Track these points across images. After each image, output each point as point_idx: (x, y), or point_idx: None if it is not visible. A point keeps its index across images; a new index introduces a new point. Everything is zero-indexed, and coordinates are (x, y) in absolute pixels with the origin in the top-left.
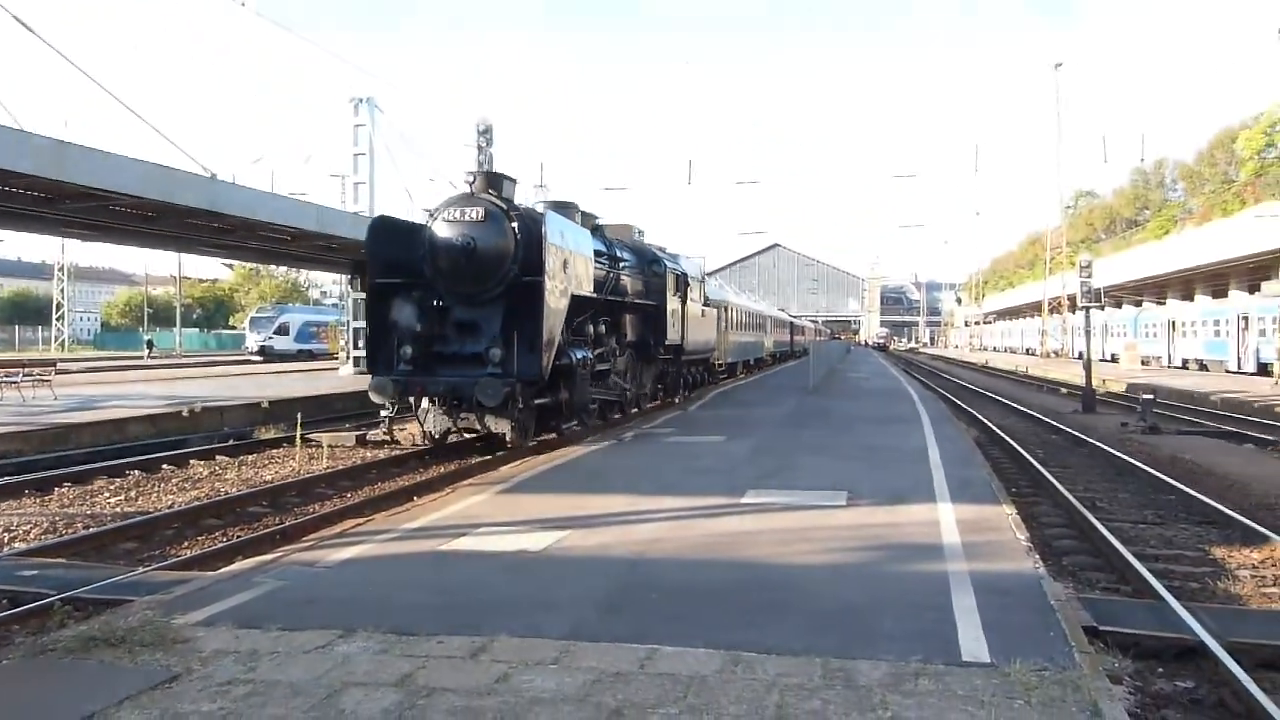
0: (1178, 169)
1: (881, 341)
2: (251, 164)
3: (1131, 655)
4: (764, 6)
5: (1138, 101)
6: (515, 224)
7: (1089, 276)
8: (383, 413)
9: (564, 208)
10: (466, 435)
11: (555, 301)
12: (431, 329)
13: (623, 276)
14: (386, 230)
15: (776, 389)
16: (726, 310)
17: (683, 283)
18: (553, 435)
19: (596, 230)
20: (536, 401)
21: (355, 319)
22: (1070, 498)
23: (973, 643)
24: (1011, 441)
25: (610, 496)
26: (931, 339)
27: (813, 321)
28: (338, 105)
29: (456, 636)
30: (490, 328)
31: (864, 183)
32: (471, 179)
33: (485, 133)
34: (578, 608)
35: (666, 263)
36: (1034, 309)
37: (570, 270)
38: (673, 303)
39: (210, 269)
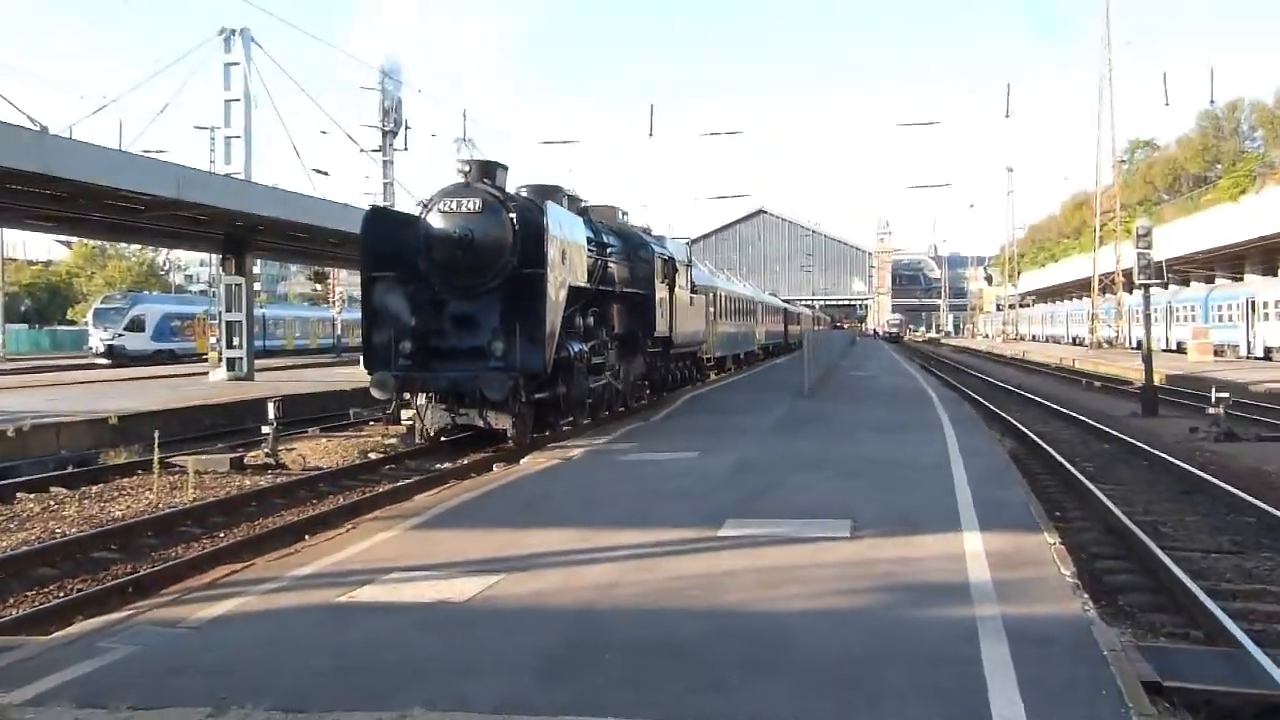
0: (1255, 112)
1: (894, 331)
2: (92, 114)
3: (1203, 717)
4: None
5: (1206, 31)
6: (513, 215)
7: (1148, 247)
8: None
9: (550, 193)
10: (461, 434)
11: (555, 293)
12: (428, 323)
13: (610, 264)
14: (380, 221)
15: (767, 388)
16: (715, 297)
17: (670, 268)
18: (547, 432)
19: (583, 214)
20: (536, 396)
21: (230, 310)
22: (1127, 521)
23: (1006, 705)
24: (1054, 453)
25: (554, 531)
26: (956, 327)
27: (809, 307)
28: (205, 39)
29: (359, 712)
30: (488, 321)
31: (870, 133)
32: (467, 168)
33: (391, 74)
34: (512, 672)
35: (654, 247)
36: (1081, 288)
37: (568, 261)
38: (661, 291)
39: (42, 247)
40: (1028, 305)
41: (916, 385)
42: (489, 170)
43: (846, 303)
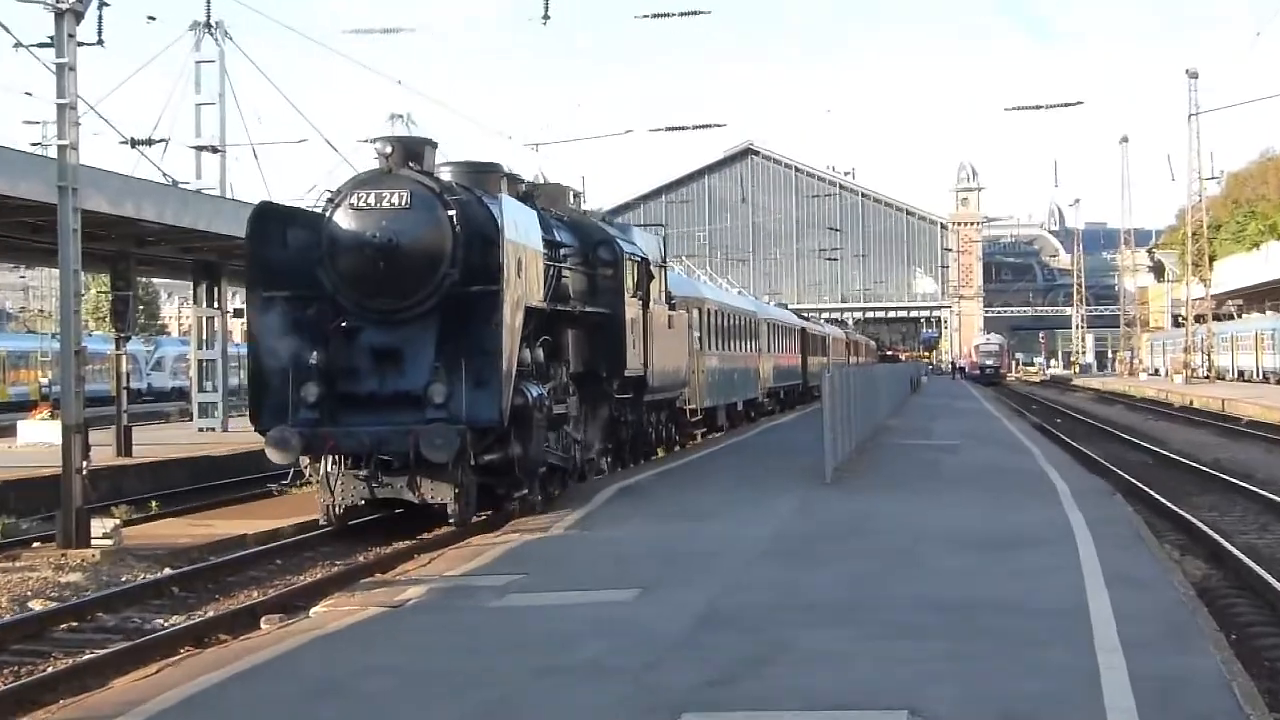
0: None
1: (989, 364)
2: None
3: None
4: None
5: None
6: (453, 212)
7: None
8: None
9: (485, 174)
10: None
11: (512, 317)
12: (336, 360)
13: (564, 271)
14: (271, 221)
15: (766, 465)
16: (703, 315)
17: (643, 274)
18: (491, 511)
19: (528, 200)
20: (484, 459)
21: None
22: None
23: None
24: None
25: None
26: (1101, 360)
27: (839, 322)
28: None
29: None
30: (419, 357)
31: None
32: (387, 150)
33: None
34: None
35: (621, 244)
36: None
37: (524, 273)
38: (631, 308)
39: None
40: (1233, 313)
41: (1035, 466)
42: (414, 150)
43: (903, 314)
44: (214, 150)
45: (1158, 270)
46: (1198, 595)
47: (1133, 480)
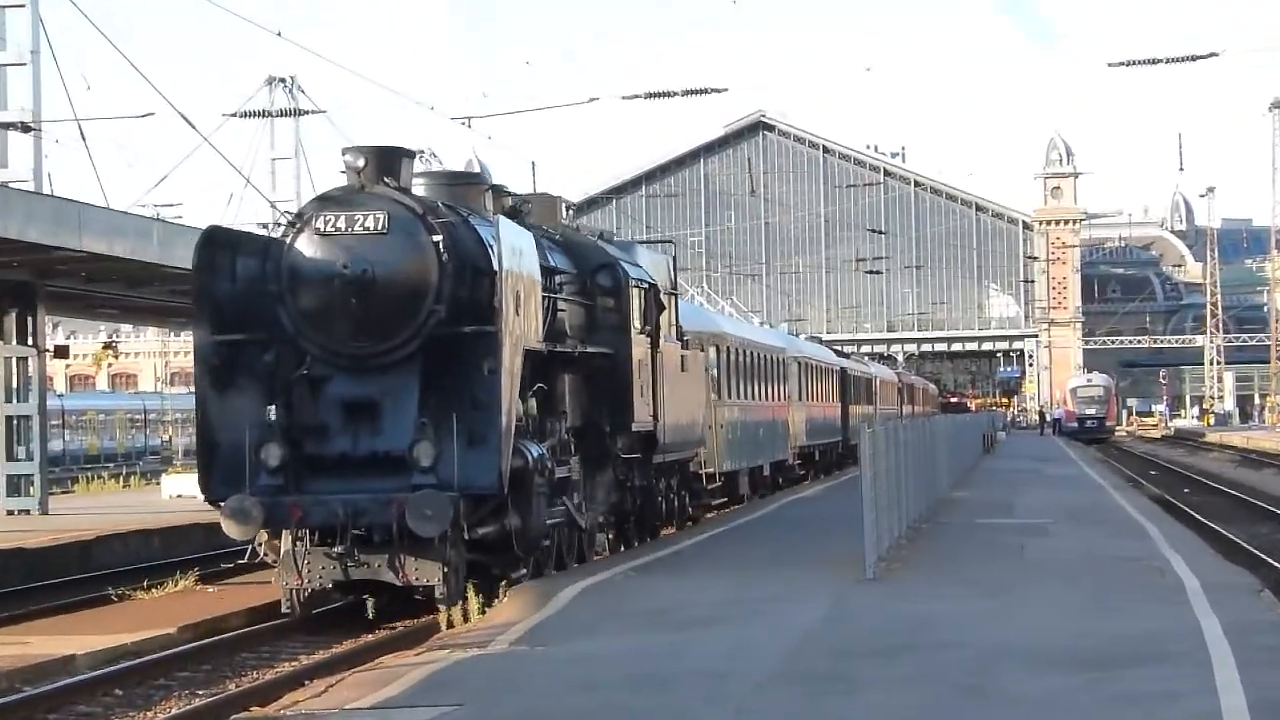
0: None
1: (1091, 414)
2: None
3: None
4: None
5: None
6: (439, 237)
7: None
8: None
9: (465, 184)
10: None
11: (510, 361)
12: (300, 416)
13: (560, 303)
14: (221, 249)
15: (784, 547)
16: (720, 352)
17: (651, 305)
18: (478, 596)
19: (516, 215)
20: (478, 533)
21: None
22: None
23: None
24: None
25: None
26: (1245, 408)
27: (888, 360)
28: None
29: None
30: (399, 411)
31: None
32: (359, 162)
33: None
34: None
35: (625, 268)
36: None
37: (522, 309)
38: (639, 347)
39: None
40: None
41: (1149, 552)
42: (388, 163)
43: (973, 347)
44: (25, 129)
45: None
46: None
47: None
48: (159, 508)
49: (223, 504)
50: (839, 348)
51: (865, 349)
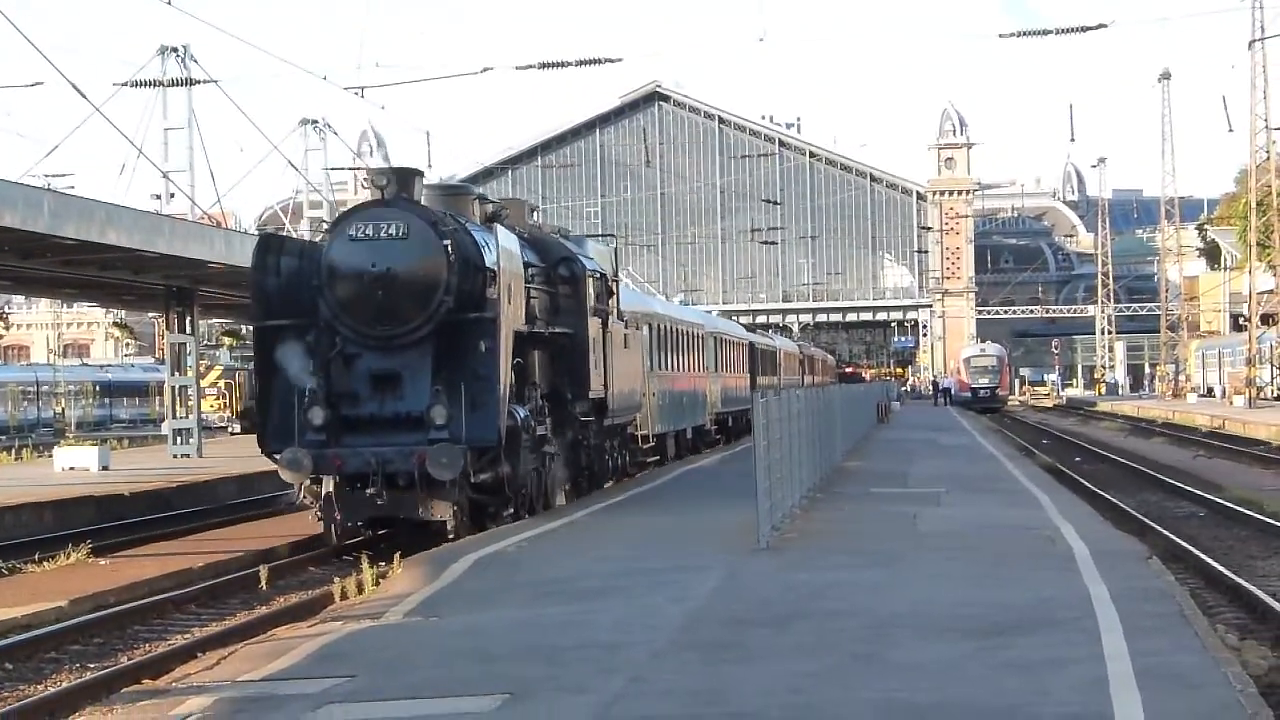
0: None
1: (984, 384)
2: None
3: None
4: None
5: None
6: (448, 242)
7: None
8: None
9: (456, 194)
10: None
11: (506, 344)
12: (336, 385)
13: (532, 291)
14: (273, 253)
15: (683, 514)
16: (654, 332)
17: (602, 290)
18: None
19: (495, 218)
20: (479, 477)
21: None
22: None
23: None
24: None
25: None
26: (1136, 377)
27: (783, 330)
28: None
29: None
30: (416, 380)
31: None
32: (383, 181)
33: None
34: None
35: (583, 261)
36: None
37: (513, 300)
38: (593, 327)
39: None
40: None
41: (1040, 520)
42: (407, 181)
43: (867, 317)
44: None
45: (1211, 254)
46: (1261, 695)
47: (1175, 539)
48: (51, 480)
49: (278, 455)
50: (737, 319)
51: (761, 319)
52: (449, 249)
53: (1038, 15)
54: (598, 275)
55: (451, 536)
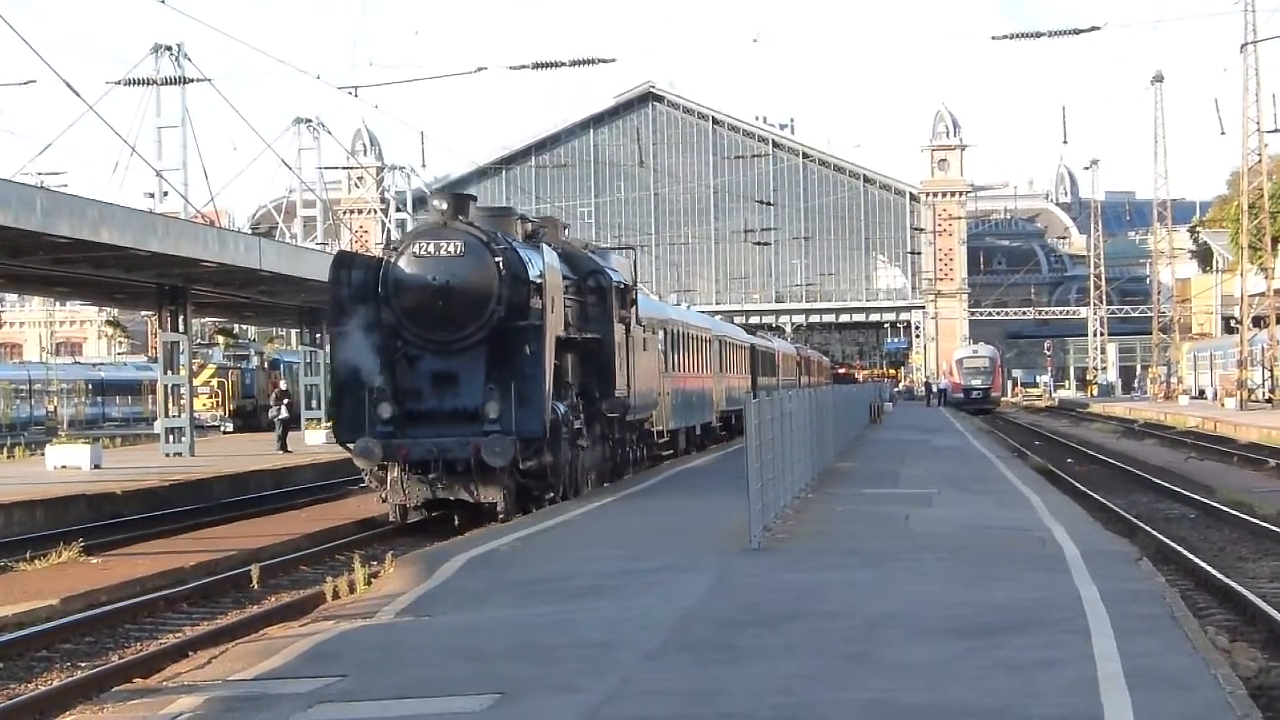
0: None
1: (976, 384)
2: None
3: None
4: None
5: None
6: (499, 259)
7: None
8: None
9: (500, 215)
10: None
11: (550, 347)
12: (401, 383)
13: (566, 301)
14: (348, 267)
15: (678, 517)
16: (669, 336)
17: (624, 300)
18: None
19: (535, 236)
20: (526, 465)
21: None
22: None
23: None
24: None
25: None
26: (1128, 378)
27: (776, 331)
28: None
29: None
30: (472, 380)
31: None
32: (443, 205)
33: None
34: None
35: (609, 273)
36: None
37: (556, 309)
38: (618, 333)
39: None
40: None
41: (1031, 522)
42: (462, 205)
43: (860, 318)
44: None
45: (1203, 257)
46: (1251, 697)
47: (1166, 540)
48: (43, 479)
49: (351, 445)
50: (733, 320)
51: (754, 319)
52: (500, 265)
53: (1033, 17)
54: (621, 286)
55: (501, 517)
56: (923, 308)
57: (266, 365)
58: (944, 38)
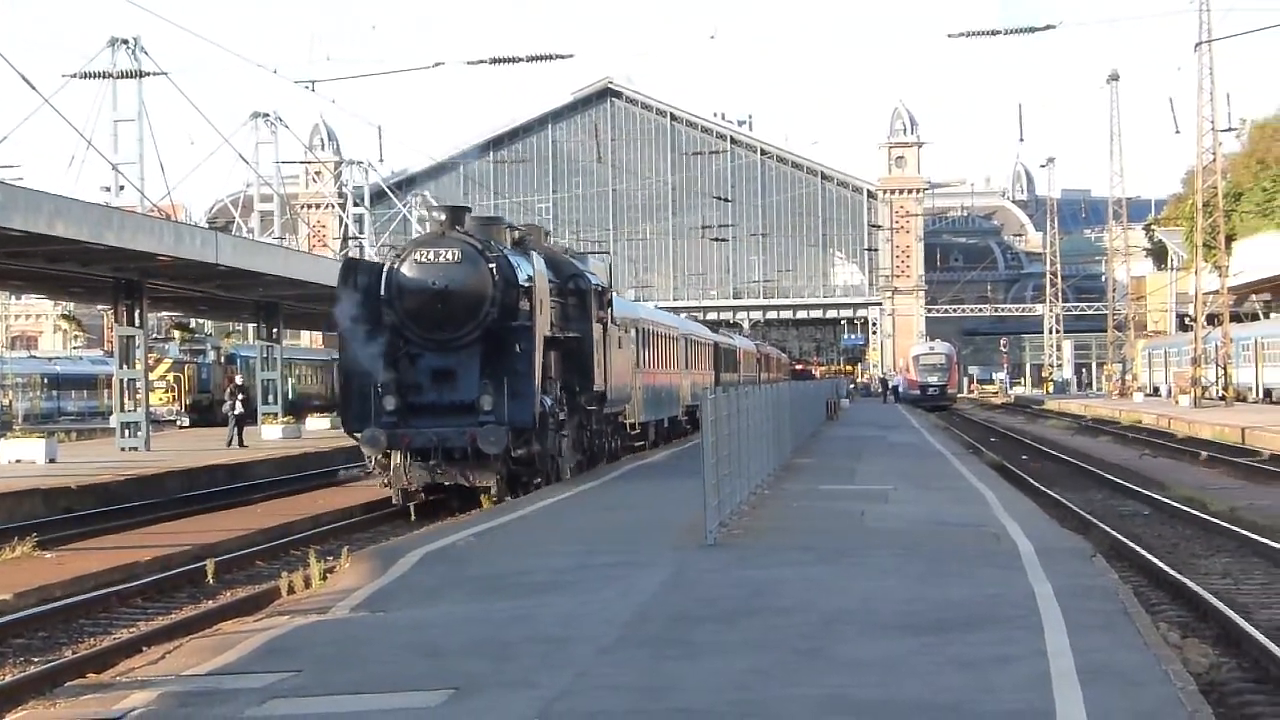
0: None
1: (933, 382)
2: None
3: None
4: None
5: None
6: (493, 265)
7: None
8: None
9: (489, 224)
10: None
11: (538, 345)
12: (403, 378)
13: (550, 303)
14: (355, 272)
15: (633, 508)
16: (640, 335)
17: (601, 301)
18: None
19: (522, 242)
20: (516, 453)
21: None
22: None
23: None
24: None
25: None
26: (1083, 375)
27: (733, 328)
28: None
29: None
30: (468, 375)
31: None
32: (441, 217)
33: None
34: None
35: (589, 276)
36: None
37: (544, 310)
38: (596, 332)
39: None
40: (1254, 314)
41: (985, 518)
42: (459, 216)
43: (817, 314)
44: None
45: (1158, 254)
46: (1202, 692)
47: (1120, 537)
48: None
49: (358, 434)
50: (691, 315)
51: (712, 315)
52: (493, 270)
53: (990, 15)
54: (599, 288)
55: (495, 500)
56: (880, 304)
57: (223, 360)
58: (901, 35)
